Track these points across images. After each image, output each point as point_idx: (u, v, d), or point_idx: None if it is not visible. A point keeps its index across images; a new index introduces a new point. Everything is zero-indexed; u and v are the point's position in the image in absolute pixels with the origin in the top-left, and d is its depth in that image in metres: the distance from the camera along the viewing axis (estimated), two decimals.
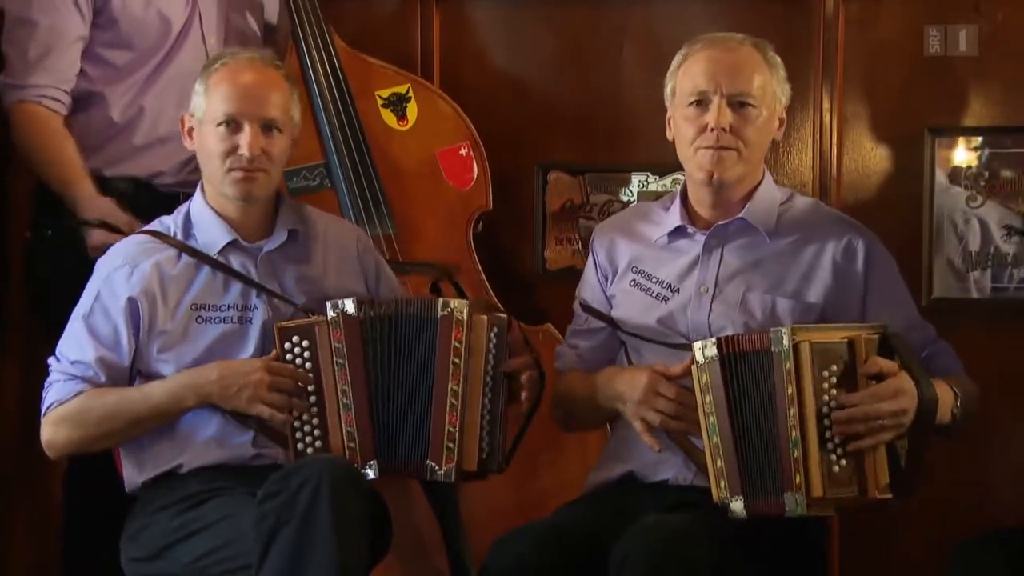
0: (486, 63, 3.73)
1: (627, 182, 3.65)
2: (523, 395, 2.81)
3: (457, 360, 2.74)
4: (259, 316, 2.85)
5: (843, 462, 2.52)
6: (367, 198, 3.46)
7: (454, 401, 2.74)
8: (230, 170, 2.83)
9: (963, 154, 3.42)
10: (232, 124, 2.82)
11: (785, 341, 2.53)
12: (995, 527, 2.57)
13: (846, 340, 2.54)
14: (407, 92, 3.56)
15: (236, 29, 3.49)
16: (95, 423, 2.81)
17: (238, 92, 2.84)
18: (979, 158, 3.41)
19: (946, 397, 2.62)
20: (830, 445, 2.51)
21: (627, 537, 2.50)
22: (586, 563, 2.58)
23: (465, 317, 2.75)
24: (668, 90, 2.85)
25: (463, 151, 3.55)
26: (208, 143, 2.86)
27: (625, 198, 3.65)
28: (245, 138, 2.82)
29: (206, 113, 2.86)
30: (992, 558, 2.42)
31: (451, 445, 2.74)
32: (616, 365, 2.88)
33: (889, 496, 2.54)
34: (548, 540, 2.59)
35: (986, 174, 3.41)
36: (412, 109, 3.56)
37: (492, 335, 2.78)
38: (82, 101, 3.32)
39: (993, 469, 3.43)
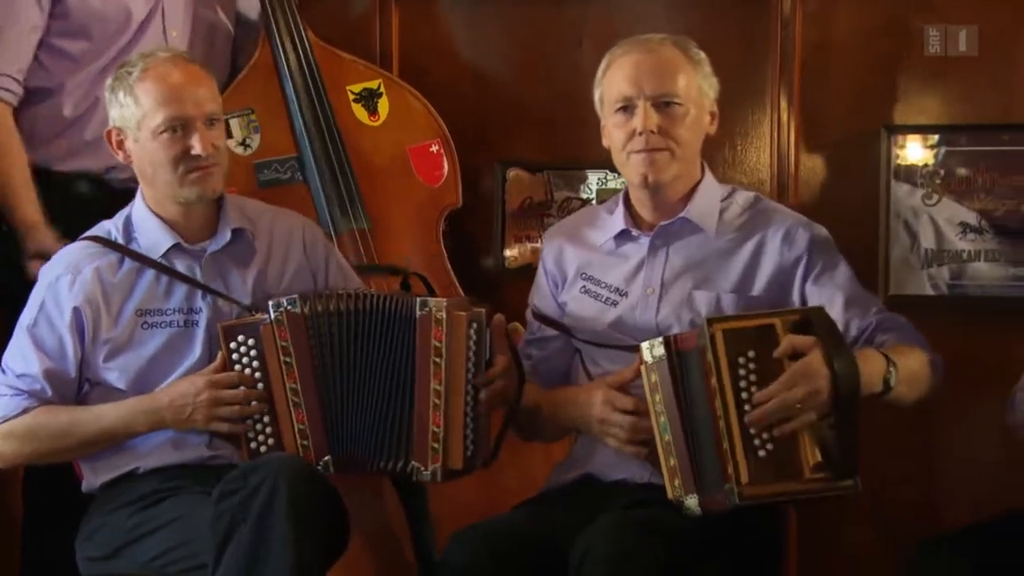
0: (446, 59, 3.73)
1: (586, 180, 3.65)
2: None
3: (438, 360, 2.73)
4: (204, 318, 2.84)
5: (769, 447, 2.53)
6: (341, 192, 3.46)
7: (437, 401, 2.73)
8: (187, 173, 2.81)
9: (919, 152, 3.44)
10: (178, 128, 2.79)
11: (706, 333, 2.54)
12: (952, 524, 2.57)
13: (760, 325, 2.56)
14: (378, 88, 3.56)
15: (205, 22, 3.48)
16: (46, 440, 2.81)
17: (174, 94, 2.80)
18: (935, 156, 3.43)
19: (873, 366, 2.61)
20: (753, 432, 2.53)
21: (586, 535, 2.51)
22: (543, 561, 2.59)
23: (444, 316, 2.74)
24: (597, 98, 2.87)
25: (434, 148, 3.56)
26: (153, 152, 2.82)
27: (584, 196, 3.65)
28: (196, 139, 2.79)
29: (142, 122, 2.81)
30: (946, 559, 2.43)
31: (436, 445, 2.73)
32: (572, 375, 2.91)
33: (823, 477, 2.54)
34: (504, 537, 2.61)
35: (942, 172, 3.42)
36: (383, 105, 3.55)
37: (472, 331, 2.76)
38: (34, 95, 3.29)
39: (949, 464, 3.44)
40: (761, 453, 2.53)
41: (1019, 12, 3.37)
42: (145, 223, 2.89)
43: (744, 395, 2.54)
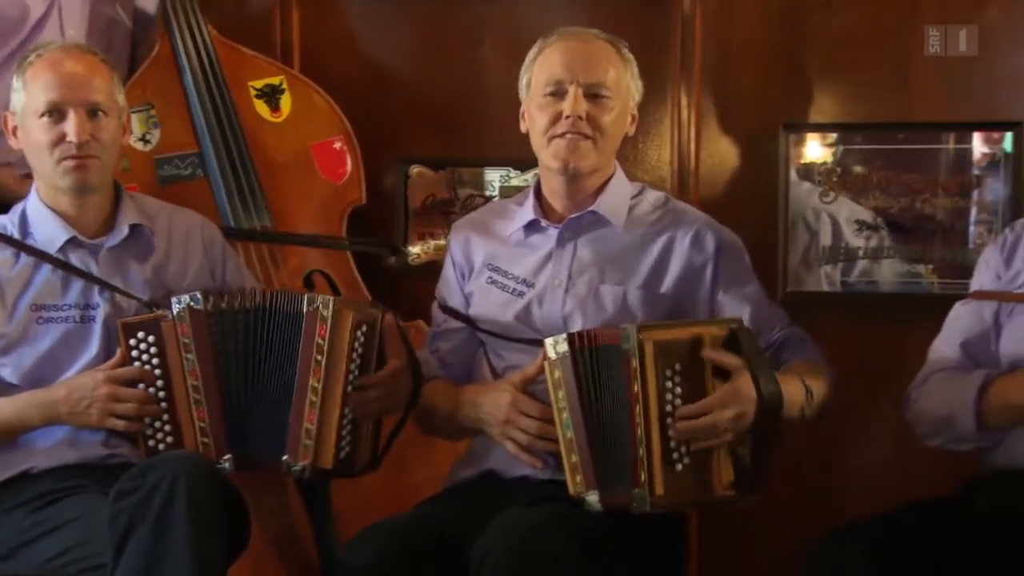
0: (348, 55, 3.72)
1: (488, 177, 3.66)
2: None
3: (319, 357, 2.72)
4: (101, 314, 2.82)
5: (686, 461, 2.55)
6: (243, 189, 3.43)
7: (314, 398, 2.72)
8: (61, 160, 2.79)
9: (817, 150, 3.48)
10: (56, 113, 2.78)
11: (633, 339, 2.55)
12: (853, 516, 2.60)
13: (691, 337, 2.57)
14: (281, 84, 3.54)
15: (103, 18, 3.44)
16: None
17: (58, 80, 2.79)
18: (833, 154, 3.48)
19: (795, 395, 2.66)
20: (672, 444, 2.54)
21: (488, 531, 2.50)
22: (446, 557, 2.58)
23: (330, 314, 2.72)
24: (523, 82, 2.87)
25: (337, 145, 3.55)
26: (34, 136, 2.81)
27: (487, 193, 3.66)
28: (71, 124, 2.77)
29: (27, 106, 2.81)
30: (849, 551, 2.47)
31: (308, 442, 2.72)
32: (476, 366, 2.90)
33: (734, 493, 2.58)
34: (406, 535, 2.60)
35: (838, 170, 3.47)
36: (286, 101, 3.54)
37: (359, 333, 2.76)
38: None
39: (847, 461, 3.48)
40: (678, 466, 2.55)
41: (915, 12, 3.43)
42: (40, 217, 2.86)
43: (668, 408, 2.55)
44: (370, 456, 2.84)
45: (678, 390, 2.55)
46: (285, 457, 2.74)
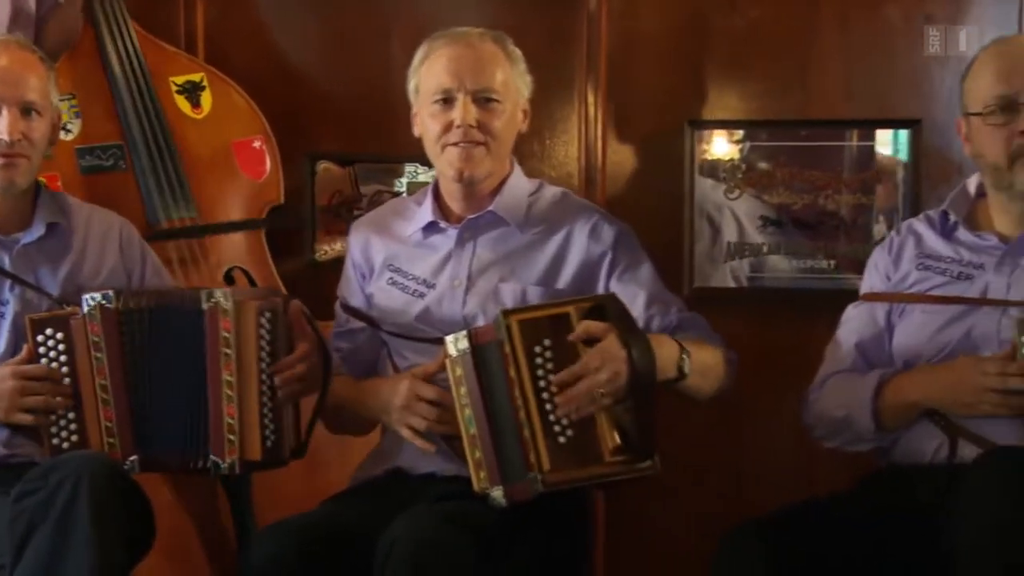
0: (253, 48, 3.69)
1: (397, 173, 3.65)
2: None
3: (228, 351, 2.71)
4: (11, 310, 2.79)
5: (569, 432, 2.57)
6: (171, 181, 3.41)
7: (230, 392, 2.71)
8: None
9: (724, 147, 3.51)
10: None
11: (502, 325, 2.57)
12: (759, 511, 2.63)
13: (554, 314, 2.60)
14: (201, 81, 3.53)
15: (14, 8, 3.38)
16: None
17: None
18: (740, 151, 3.51)
19: (668, 352, 2.67)
20: (552, 418, 2.57)
21: (392, 527, 2.51)
22: (351, 554, 2.57)
23: (231, 306, 2.71)
24: (411, 86, 2.88)
25: (256, 144, 3.54)
26: None
27: (396, 189, 3.65)
28: (4, 122, 2.73)
29: None
30: (748, 551, 2.50)
31: (232, 437, 2.71)
32: (380, 367, 2.91)
33: (623, 459, 2.58)
34: (310, 532, 2.59)
35: (743, 167, 3.50)
36: (207, 98, 3.53)
37: (264, 320, 2.74)
38: None
39: (753, 453, 3.52)
40: (562, 439, 2.57)
41: (815, 12, 3.46)
42: None
43: (542, 383, 2.57)
44: (296, 442, 2.82)
45: (550, 366, 2.58)
46: (212, 457, 2.72)
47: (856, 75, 3.45)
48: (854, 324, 2.83)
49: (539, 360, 2.58)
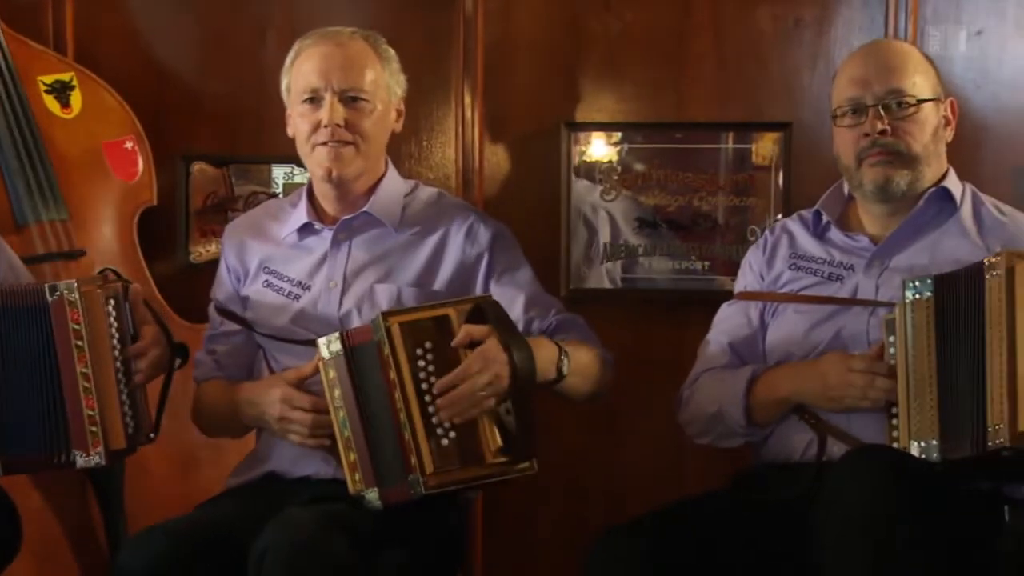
0: (125, 48, 3.63)
1: (272, 174, 3.62)
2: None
3: (80, 342, 2.66)
4: None
5: (452, 434, 2.57)
6: (39, 181, 3.36)
7: (87, 384, 2.66)
8: None
9: (602, 149, 3.53)
10: None
11: (381, 327, 2.57)
12: (635, 511, 2.65)
13: (435, 316, 2.60)
14: (71, 81, 3.48)
15: None
16: None
17: None
18: (618, 153, 3.53)
19: (547, 353, 2.69)
20: (435, 420, 2.57)
21: (266, 531, 2.49)
22: (225, 558, 2.55)
23: (78, 297, 2.66)
24: (284, 86, 2.88)
25: (128, 145, 3.50)
26: None
27: (271, 190, 3.62)
28: None
29: None
30: (621, 552, 2.51)
31: (94, 428, 2.66)
32: (256, 370, 2.89)
33: (506, 460, 2.59)
34: (183, 536, 2.56)
35: (619, 168, 3.53)
36: (76, 98, 3.48)
37: (111, 308, 2.70)
38: None
39: (626, 451, 3.54)
40: (444, 441, 2.57)
41: (687, 16, 3.49)
42: None
43: (424, 386, 2.57)
44: (149, 423, 2.78)
45: (431, 368, 2.58)
46: (75, 451, 2.66)
47: (729, 78, 3.49)
48: (727, 323, 2.87)
49: (421, 363, 2.57)
